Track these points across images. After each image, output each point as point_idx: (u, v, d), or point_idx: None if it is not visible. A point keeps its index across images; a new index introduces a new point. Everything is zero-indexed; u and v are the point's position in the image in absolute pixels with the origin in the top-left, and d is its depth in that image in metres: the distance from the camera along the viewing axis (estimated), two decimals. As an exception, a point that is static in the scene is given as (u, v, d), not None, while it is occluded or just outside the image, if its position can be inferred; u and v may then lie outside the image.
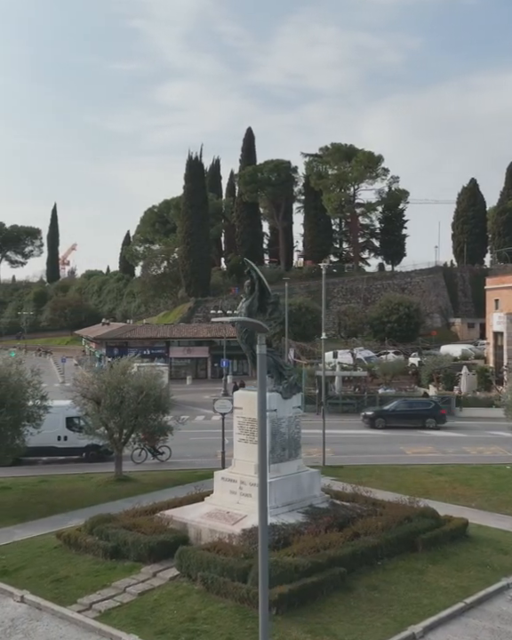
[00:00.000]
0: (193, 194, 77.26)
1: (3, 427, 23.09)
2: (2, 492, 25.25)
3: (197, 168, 78.60)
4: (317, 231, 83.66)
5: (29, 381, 24.67)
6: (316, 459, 29.40)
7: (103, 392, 25.29)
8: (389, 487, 24.24)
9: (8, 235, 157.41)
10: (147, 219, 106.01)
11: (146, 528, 17.33)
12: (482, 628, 13.85)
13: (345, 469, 27.65)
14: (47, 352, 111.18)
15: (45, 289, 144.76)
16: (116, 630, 13.63)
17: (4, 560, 17.77)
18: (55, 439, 30.09)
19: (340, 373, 44.40)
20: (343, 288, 78.81)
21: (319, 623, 13.55)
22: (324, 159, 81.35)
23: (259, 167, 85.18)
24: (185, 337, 68.32)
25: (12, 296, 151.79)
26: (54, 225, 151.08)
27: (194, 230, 76.26)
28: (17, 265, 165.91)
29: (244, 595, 14.11)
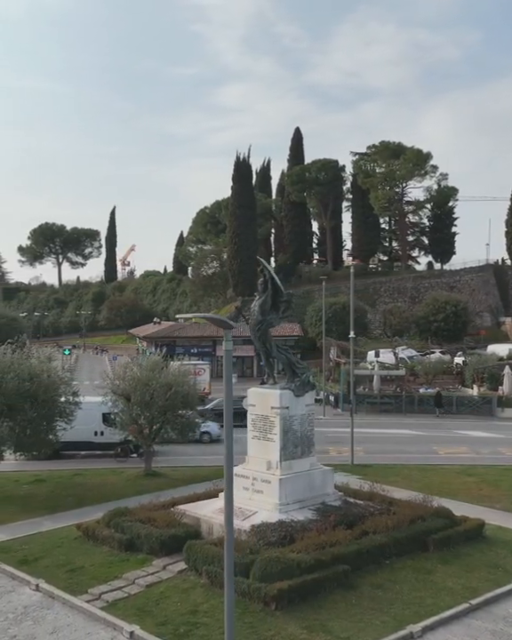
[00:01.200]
0: (240, 194, 77.76)
1: (36, 421, 23.89)
2: (37, 484, 26.05)
3: (245, 169, 79.04)
4: (365, 230, 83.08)
5: (61, 378, 25.53)
6: (346, 457, 29.44)
7: (133, 388, 25.82)
8: (414, 487, 24.04)
9: (69, 237, 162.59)
10: (199, 220, 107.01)
11: (160, 522, 17.67)
12: (484, 629, 13.71)
13: (373, 468, 27.55)
14: (103, 350, 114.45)
15: (103, 289, 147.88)
16: (120, 620, 13.99)
17: (26, 550, 18.38)
18: (92, 434, 30.80)
19: (378, 372, 44.09)
20: (390, 287, 78.04)
21: (317, 620, 13.64)
22: (371, 157, 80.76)
23: (306, 167, 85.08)
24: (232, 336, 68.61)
25: (72, 296, 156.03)
26: (112, 227, 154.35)
27: (241, 230, 76.75)
28: (77, 266, 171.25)
29: (244, 589, 14.28)
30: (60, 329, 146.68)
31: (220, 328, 9.90)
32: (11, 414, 23.64)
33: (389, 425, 38.47)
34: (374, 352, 50.61)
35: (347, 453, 30.30)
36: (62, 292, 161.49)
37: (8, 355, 24.39)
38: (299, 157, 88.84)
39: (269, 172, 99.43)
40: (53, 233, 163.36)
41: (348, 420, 39.98)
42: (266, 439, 18.06)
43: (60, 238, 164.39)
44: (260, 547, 15.59)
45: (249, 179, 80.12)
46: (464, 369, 49.48)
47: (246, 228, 77.05)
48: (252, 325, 18.73)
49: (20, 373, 23.47)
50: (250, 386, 56.69)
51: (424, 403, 41.88)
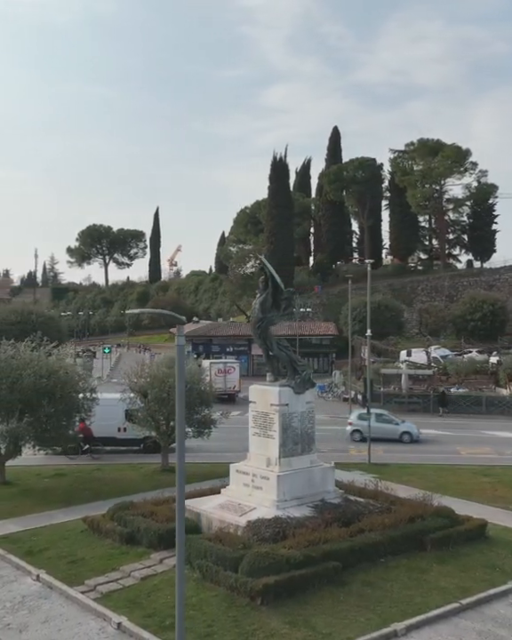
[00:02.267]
0: (277, 194, 77.88)
1: (54, 417, 24.44)
2: (57, 477, 26.65)
3: (282, 169, 79.12)
4: (402, 228, 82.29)
5: (80, 375, 26.08)
6: (365, 456, 29.33)
7: (150, 385, 26.20)
8: (427, 487, 23.77)
9: (115, 238, 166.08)
10: (239, 220, 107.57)
11: (161, 516, 17.94)
12: (471, 629, 13.57)
13: (389, 468, 27.39)
14: (146, 349, 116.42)
15: (147, 289, 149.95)
16: (109, 611, 14.27)
17: (34, 541, 18.83)
18: (115, 430, 31.34)
19: (405, 371, 43.69)
20: (428, 286, 77.12)
21: (301, 615, 13.68)
22: (409, 155, 79.92)
23: (343, 166, 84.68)
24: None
25: (118, 296, 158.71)
26: (156, 228, 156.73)
27: (278, 230, 76.84)
28: (123, 266, 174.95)
29: (232, 584, 14.43)
30: (107, 328, 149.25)
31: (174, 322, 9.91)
32: (29, 410, 24.27)
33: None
34: (406, 351, 50.23)
35: (365, 453, 30.19)
36: (108, 291, 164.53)
37: (27, 352, 25.05)
38: (337, 156, 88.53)
39: (309, 171, 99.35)
40: (100, 234, 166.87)
41: (374, 419, 40.00)
42: (266, 436, 18.17)
43: (107, 239, 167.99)
44: (253, 542, 15.72)
45: (286, 178, 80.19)
46: (498, 369, 48.65)
47: (283, 228, 77.13)
48: (252, 323, 18.87)
49: (37, 370, 24.09)
50: (281, 384, 56.44)
51: (452, 403, 41.34)
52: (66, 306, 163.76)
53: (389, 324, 61.11)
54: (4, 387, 23.57)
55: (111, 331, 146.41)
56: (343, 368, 54.51)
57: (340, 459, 29.49)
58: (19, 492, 24.49)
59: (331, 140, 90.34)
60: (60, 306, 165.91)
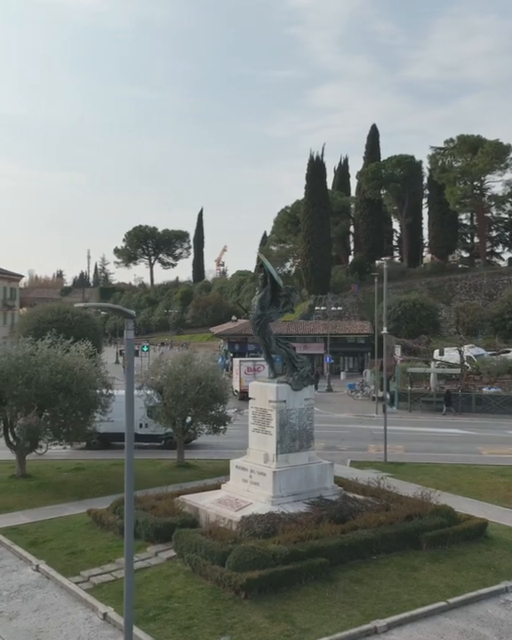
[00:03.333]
0: (314, 193, 77.66)
1: (69, 412, 24.95)
2: (75, 472, 27.16)
3: (319, 168, 78.84)
4: (441, 226, 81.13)
5: (98, 371, 26.54)
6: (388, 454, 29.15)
7: (166, 382, 26.50)
8: (439, 486, 23.51)
9: (160, 238, 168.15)
10: (280, 219, 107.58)
11: (160, 510, 18.17)
12: (454, 628, 13.41)
13: (406, 467, 27.13)
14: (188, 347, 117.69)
15: (191, 288, 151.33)
16: (97, 602, 14.55)
17: (40, 532, 19.28)
18: (137, 426, 31.73)
19: (433, 370, 43.13)
20: (466, 284, 75.84)
21: (283, 610, 13.72)
22: (448, 152, 78.74)
23: (381, 164, 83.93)
24: (300, 333, 68.92)
25: (163, 295, 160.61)
26: (200, 228, 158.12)
27: (314, 229, 76.65)
28: (168, 266, 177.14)
29: (218, 578, 14.55)
30: (151, 327, 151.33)
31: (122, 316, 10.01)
32: (46, 405, 24.85)
33: (440, 424, 37.67)
34: (438, 350, 49.62)
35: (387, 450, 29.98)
36: (153, 291, 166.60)
37: (45, 349, 25.62)
38: (375, 154, 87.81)
39: (348, 170, 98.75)
40: (146, 235, 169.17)
41: (400, 418, 39.90)
42: (264, 432, 18.24)
43: (153, 240, 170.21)
44: (244, 537, 15.81)
45: (323, 177, 79.90)
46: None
47: (320, 227, 76.91)
48: (251, 320, 18.92)
49: (53, 366, 24.64)
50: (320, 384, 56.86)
51: (483, 402, 40.67)
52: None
53: (425, 323, 60.46)
54: (21, 382, 24.17)
55: (155, 329, 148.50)
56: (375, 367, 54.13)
57: (357, 457, 29.48)
58: (36, 484, 25.05)
59: (369, 138, 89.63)
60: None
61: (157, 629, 13.23)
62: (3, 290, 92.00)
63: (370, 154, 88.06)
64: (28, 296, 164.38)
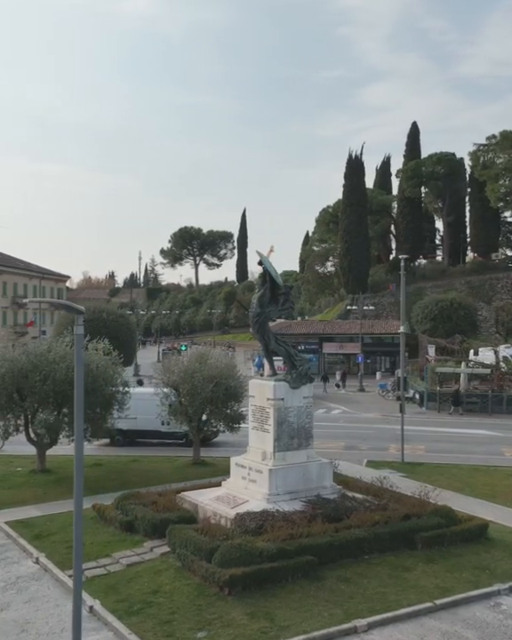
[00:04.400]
0: (351, 192, 77.04)
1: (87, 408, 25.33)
2: (93, 467, 27.52)
3: (357, 166, 78.17)
4: (483, 224, 79.53)
5: (114, 369, 26.87)
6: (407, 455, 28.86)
7: (181, 380, 26.69)
8: (453, 486, 23.33)
9: (205, 239, 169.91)
10: (321, 219, 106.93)
11: (160, 506, 18.34)
12: (437, 629, 13.21)
13: (422, 467, 26.78)
14: (230, 347, 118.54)
15: (234, 289, 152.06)
16: (87, 595, 14.69)
17: (46, 526, 19.66)
18: (159, 423, 32.04)
19: (463, 370, 42.36)
20: (508, 283, 74.17)
21: (265, 607, 13.70)
22: (490, 148, 77.12)
23: (421, 161, 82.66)
24: (336, 333, 68.56)
25: (207, 296, 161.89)
26: (243, 229, 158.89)
27: (352, 228, 76.04)
28: (213, 267, 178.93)
29: (204, 574, 14.62)
30: (196, 327, 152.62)
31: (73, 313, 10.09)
32: (63, 402, 25.29)
33: (467, 425, 36.97)
34: (473, 350, 48.77)
35: (407, 451, 29.64)
36: (198, 292, 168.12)
37: (61, 346, 26.10)
38: (415, 152, 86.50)
39: (389, 168, 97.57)
40: (191, 236, 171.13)
41: (427, 418, 39.36)
42: (262, 430, 18.25)
43: (198, 241, 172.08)
44: (236, 534, 15.84)
45: (361, 176, 79.19)
46: None
47: (357, 226, 76.27)
48: (250, 318, 18.91)
49: (69, 364, 25.05)
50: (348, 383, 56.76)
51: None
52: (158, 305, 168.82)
53: (463, 323, 59.39)
54: (38, 379, 24.69)
55: (199, 329, 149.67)
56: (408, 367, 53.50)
57: (376, 457, 29.21)
58: (54, 479, 25.52)
59: (409, 136, 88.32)
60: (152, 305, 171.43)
61: (138, 623, 13.38)
62: (50, 290, 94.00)
63: (410, 152, 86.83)
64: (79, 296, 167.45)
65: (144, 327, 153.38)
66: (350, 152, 79.23)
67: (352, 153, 79.18)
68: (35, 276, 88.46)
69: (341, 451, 30.44)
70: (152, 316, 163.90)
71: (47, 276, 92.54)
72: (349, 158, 78.88)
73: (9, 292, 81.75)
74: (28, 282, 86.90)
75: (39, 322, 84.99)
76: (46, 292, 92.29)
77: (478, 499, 22.02)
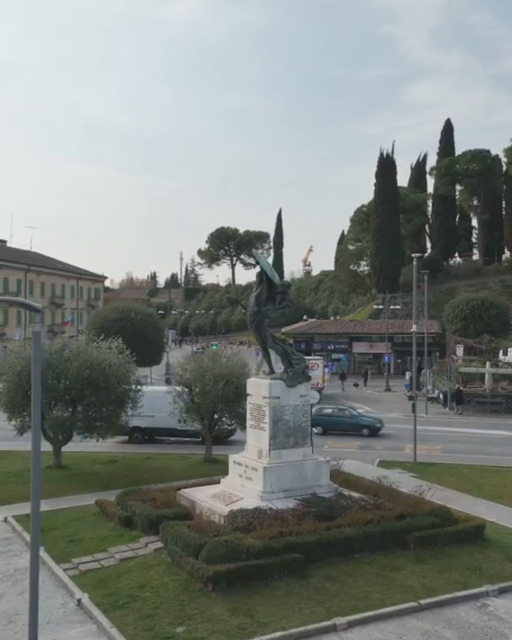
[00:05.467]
0: (383, 190, 76.60)
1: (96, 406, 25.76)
2: (108, 464, 28.02)
3: (388, 165, 77.66)
4: (518, 222, 78.38)
5: (127, 367, 27.20)
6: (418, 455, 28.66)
7: (194, 378, 26.91)
8: (462, 487, 23.16)
9: (241, 239, 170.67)
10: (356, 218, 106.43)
11: (158, 503, 18.55)
12: (417, 629, 13.13)
13: (434, 467, 26.57)
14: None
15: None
16: (77, 588, 15.06)
17: (51, 520, 19.92)
18: (176, 422, 32.33)
19: (488, 370, 41.73)
20: (545, 281, 73.10)
21: (247, 604, 13.76)
22: (523, 144, 75.93)
23: (455, 159, 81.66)
24: (366, 332, 68.15)
25: (243, 295, 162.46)
26: (279, 229, 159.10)
27: (383, 227, 75.58)
28: (249, 267, 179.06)
29: (190, 569, 14.75)
30: (232, 326, 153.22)
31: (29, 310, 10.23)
32: (76, 399, 25.70)
33: (488, 425, 36.50)
34: (502, 350, 48.05)
35: (422, 451, 29.51)
36: (234, 291, 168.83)
37: (75, 345, 26.56)
38: (449, 149, 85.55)
39: (425, 166, 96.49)
40: (228, 236, 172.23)
41: (450, 419, 38.99)
42: (259, 428, 18.33)
43: (234, 241, 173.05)
44: (226, 531, 15.94)
45: (393, 174, 78.59)
46: None
47: (388, 225, 75.76)
48: (248, 317, 19.01)
49: (82, 362, 25.48)
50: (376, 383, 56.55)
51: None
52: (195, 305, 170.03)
53: (494, 322, 58.41)
54: (50, 377, 25.14)
55: (235, 329, 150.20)
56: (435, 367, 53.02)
57: (390, 456, 29.03)
58: (68, 475, 25.99)
59: (443, 133, 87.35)
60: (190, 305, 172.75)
61: (121, 617, 13.58)
62: (87, 290, 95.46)
63: (443, 149, 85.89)
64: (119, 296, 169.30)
65: (181, 327, 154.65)
66: (381, 150, 78.86)
67: (383, 151, 78.75)
68: (72, 277, 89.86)
69: (356, 450, 30.37)
70: (189, 315, 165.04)
71: (84, 277, 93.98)
72: (381, 157, 78.41)
73: (47, 292, 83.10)
74: (66, 282, 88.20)
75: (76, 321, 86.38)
76: (83, 291, 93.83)
77: (485, 499, 21.78)
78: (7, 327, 72.01)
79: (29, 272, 77.88)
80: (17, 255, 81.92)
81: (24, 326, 76.60)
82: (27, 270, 77.28)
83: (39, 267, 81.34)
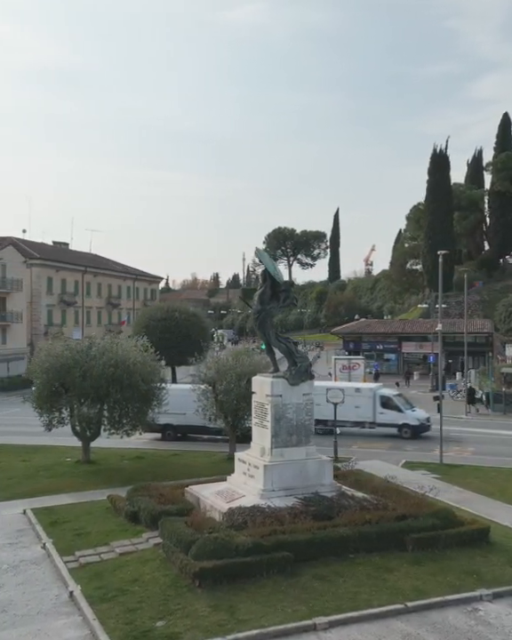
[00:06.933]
0: (435, 187, 75.26)
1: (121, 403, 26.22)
2: (136, 460, 28.47)
3: (441, 161, 76.21)
4: None
5: (152, 365, 27.55)
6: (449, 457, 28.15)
7: (218, 377, 27.07)
8: (483, 490, 22.73)
9: (298, 240, 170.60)
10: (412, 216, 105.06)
11: (164, 499, 18.73)
12: (399, 631, 12.87)
13: (460, 469, 25.99)
14: (318, 346, 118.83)
15: (326, 288, 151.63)
16: (71, 581, 15.34)
17: (65, 514, 20.42)
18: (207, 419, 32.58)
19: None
20: None
21: (230, 600, 13.73)
22: None
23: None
24: (415, 332, 67.04)
25: (299, 295, 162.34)
26: (336, 228, 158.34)
27: (435, 225, 74.25)
28: (307, 267, 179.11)
29: (180, 565, 14.85)
30: (288, 326, 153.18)
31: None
32: (101, 396, 26.19)
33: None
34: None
35: (453, 452, 28.98)
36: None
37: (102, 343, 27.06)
38: (506, 144, 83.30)
39: (482, 162, 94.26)
40: (285, 236, 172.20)
41: (490, 420, 38.09)
42: (262, 426, 18.31)
43: (291, 241, 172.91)
44: (222, 528, 15.99)
45: (446, 171, 77.09)
46: None
47: (441, 223, 74.40)
48: (252, 315, 18.98)
49: (107, 360, 25.94)
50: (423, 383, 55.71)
51: None
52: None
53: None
54: (77, 374, 25.70)
55: (291, 329, 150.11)
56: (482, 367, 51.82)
57: (418, 457, 28.58)
58: (94, 470, 26.52)
59: (500, 128, 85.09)
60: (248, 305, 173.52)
61: (106, 609, 13.76)
62: (143, 291, 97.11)
63: (501, 143, 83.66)
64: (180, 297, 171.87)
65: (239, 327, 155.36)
66: (434, 147, 77.51)
67: (436, 148, 77.31)
68: (129, 278, 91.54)
69: (384, 451, 29.99)
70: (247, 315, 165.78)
71: (140, 278, 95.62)
72: (434, 153, 77.06)
73: (104, 292, 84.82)
74: (122, 283, 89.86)
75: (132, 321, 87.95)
76: (140, 292, 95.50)
77: (505, 503, 21.21)
78: (65, 327, 73.54)
79: (86, 273, 79.58)
80: (76, 257, 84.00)
81: (82, 326, 78.63)
82: (84, 272, 78.99)
83: (96, 268, 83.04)
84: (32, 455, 29.49)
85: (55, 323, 72.23)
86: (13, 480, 25.03)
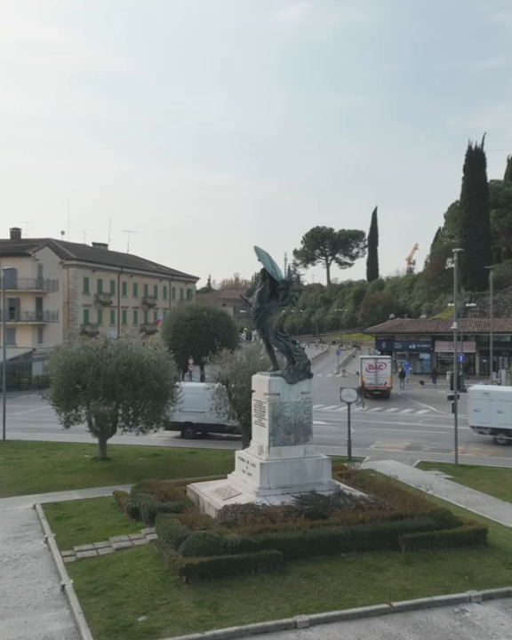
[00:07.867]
0: (471, 185, 74.16)
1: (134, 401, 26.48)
2: (152, 457, 28.76)
3: (477, 158, 75.07)
4: None
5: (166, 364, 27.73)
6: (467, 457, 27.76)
7: (231, 375, 27.14)
8: (495, 491, 22.41)
9: (337, 239, 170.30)
10: (450, 214, 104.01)
11: (165, 495, 18.88)
12: (379, 631, 12.76)
13: (474, 470, 25.60)
14: (354, 345, 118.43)
15: (364, 287, 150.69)
16: (65, 575, 15.58)
17: (71, 509, 20.74)
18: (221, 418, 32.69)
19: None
20: None
21: (215, 597, 13.79)
22: None
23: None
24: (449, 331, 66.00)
25: (337, 295, 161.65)
26: (374, 227, 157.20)
27: (471, 222, 73.19)
28: (345, 266, 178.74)
29: (169, 561, 14.95)
30: (326, 325, 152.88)
31: None
32: (114, 395, 26.48)
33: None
34: None
35: (471, 453, 28.56)
36: (328, 291, 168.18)
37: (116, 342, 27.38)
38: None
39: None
40: (323, 236, 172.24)
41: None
42: (260, 424, 18.33)
43: (329, 240, 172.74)
44: (215, 525, 16.05)
45: (482, 168, 75.90)
46: None
47: (476, 220, 73.30)
48: (251, 313, 18.98)
49: (120, 359, 26.22)
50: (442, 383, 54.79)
51: None
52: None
53: None
54: (91, 373, 26.05)
55: (329, 328, 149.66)
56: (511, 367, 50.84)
57: (435, 458, 28.28)
58: (109, 467, 26.88)
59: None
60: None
61: (93, 604, 13.94)
62: (179, 291, 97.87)
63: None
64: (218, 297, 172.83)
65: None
66: (470, 143, 76.38)
67: (472, 144, 76.18)
68: (165, 278, 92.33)
69: (401, 450, 29.69)
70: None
71: (176, 278, 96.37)
72: (469, 150, 75.99)
73: (140, 292, 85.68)
74: (158, 283, 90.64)
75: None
76: (176, 292, 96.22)
77: None
78: (101, 326, 74.46)
79: (122, 274, 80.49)
80: (113, 258, 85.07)
81: (118, 326, 79.52)
82: (119, 272, 79.91)
83: (132, 268, 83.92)
84: (53, 451, 30.01)
85: (91, 322, 73.17)
86: (30, 475, 25.52)
